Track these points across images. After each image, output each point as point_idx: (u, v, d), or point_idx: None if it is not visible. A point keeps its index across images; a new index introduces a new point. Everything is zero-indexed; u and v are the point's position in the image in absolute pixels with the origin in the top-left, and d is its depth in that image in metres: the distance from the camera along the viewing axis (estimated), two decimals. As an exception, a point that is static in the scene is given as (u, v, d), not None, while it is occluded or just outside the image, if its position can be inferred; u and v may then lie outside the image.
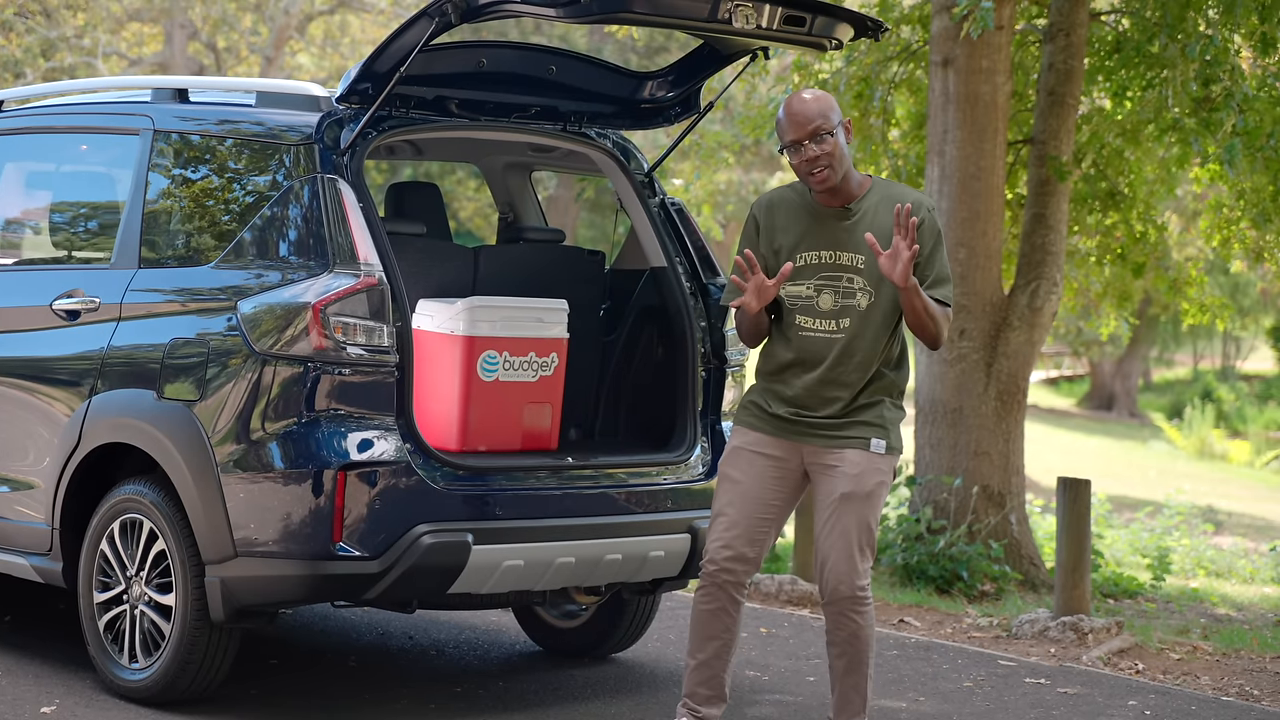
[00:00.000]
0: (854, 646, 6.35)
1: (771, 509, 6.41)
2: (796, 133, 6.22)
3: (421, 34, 6.68)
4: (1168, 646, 9.46)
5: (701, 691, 6.49)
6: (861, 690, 6.43)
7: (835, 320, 6.32)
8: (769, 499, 6.41)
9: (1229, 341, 54.89)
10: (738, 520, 6.40)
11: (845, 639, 6.34)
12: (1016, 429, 11.58)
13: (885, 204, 6.31)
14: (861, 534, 6.28)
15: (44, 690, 7.12)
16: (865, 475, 6.29)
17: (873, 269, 6.26)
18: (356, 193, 6.78)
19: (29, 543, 7.40)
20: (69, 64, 27.61)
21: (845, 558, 6.27)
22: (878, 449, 6.30)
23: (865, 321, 6.30)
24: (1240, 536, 20.70)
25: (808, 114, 6.22)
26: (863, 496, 6.27)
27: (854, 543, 6.28)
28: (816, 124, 6.20)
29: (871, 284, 6.28)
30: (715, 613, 6.44)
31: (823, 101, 6.27)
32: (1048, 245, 11.57)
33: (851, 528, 6.28)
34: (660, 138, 23.74)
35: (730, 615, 6.44)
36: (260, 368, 6.63)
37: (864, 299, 6.29)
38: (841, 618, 6.32)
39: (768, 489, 6.40)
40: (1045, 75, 11.67)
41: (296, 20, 29.40)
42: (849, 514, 6.28)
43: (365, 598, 6.70)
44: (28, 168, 8.43)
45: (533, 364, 7.23)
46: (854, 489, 6.27)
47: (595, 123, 7.78)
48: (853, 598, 6.28)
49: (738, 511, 6.40)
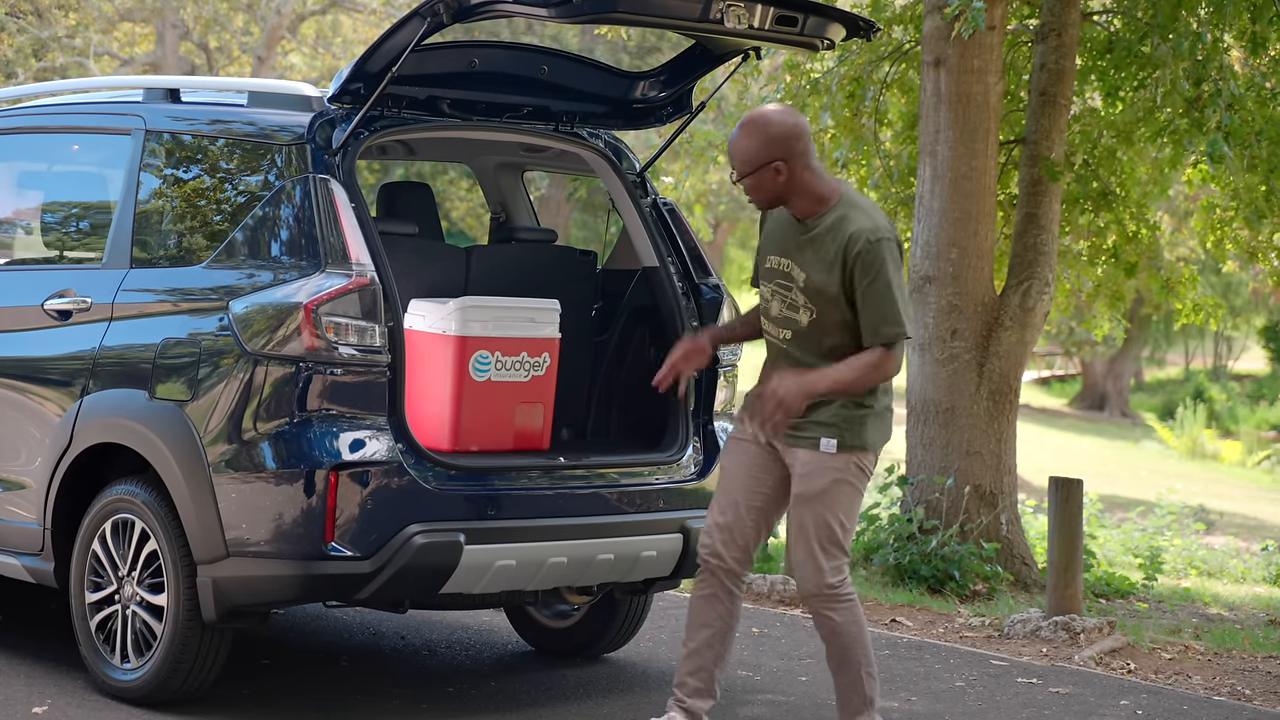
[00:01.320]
0: (836, 643, 6.42)
1: (759, 496, 6.50)
2: (729, 163, 6.44)
3: (413, 34, 6.68)
4: (1159, 646, 9.46)
5: (690, 682, 6.54)
6: (859, 689, 6.46)
7: (780, 329, 6.46)
8: (755, 486, 6.51)
9: (1221, 341, 54.95)
10: (725, 507, 6.52)
11: (826, 636, 6.43)
12: (1009, 429, 11.57)
13: (833, 228, 6.31)
14: (820, 532, 6.35)
15: (36, 690, 7.11)
16: (815, 475, 6.36)
17: (811, 287, 6.32)
18: (348, 193, 6.78)
19: (21, 543, 7.39)
20: (61, 64, 27.60)
21: (807, 557, 6.36)
22: (828, 448, 6.35)
23: (807, 336, 6.38)
24: (1232, 536, 20.72)
25: (731, 153, 6.39)
26: (814, 496, 6.35)
27: (813, 541, 6.35)
28: (736, 167, 6.35)
29: (813, 302, 6.34)
30: (707, 599, 6.52)
31: (753, 137, 6.31)
32: (1040, 245, 11.57)
33: (809, 527, 6.36)
34: (652, 138, 23.76)
35: (722, 604, 6.50)
36: (252, 368, 6.63)
37: (805, 315, 6.37)
38: (818, 616, 6.41)
39: (753, 476, 6.51)
40: (1037, 75, 11.67)
41: (288, 20, 29.40)
42: (805, 514, 6.37)
43: (357, 598, 6.70)
44: (19, 168, 8.42)
45: (525, 364, 7.23)
46: (804, 489, 6.37)
47: (587, 123, 7.78)
48: (821, 595, 6.36)
49: (725, 498, 6.54)
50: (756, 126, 6.30)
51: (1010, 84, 12.37)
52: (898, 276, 6.25)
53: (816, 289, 6.29)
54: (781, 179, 6.28)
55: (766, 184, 6.30)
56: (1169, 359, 56.60)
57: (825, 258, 6.28)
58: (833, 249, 6.26)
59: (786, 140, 6.26)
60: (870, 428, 6.40)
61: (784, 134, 6.26)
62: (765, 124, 6.29)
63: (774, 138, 6.27)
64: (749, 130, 6.31)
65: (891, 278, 6.22)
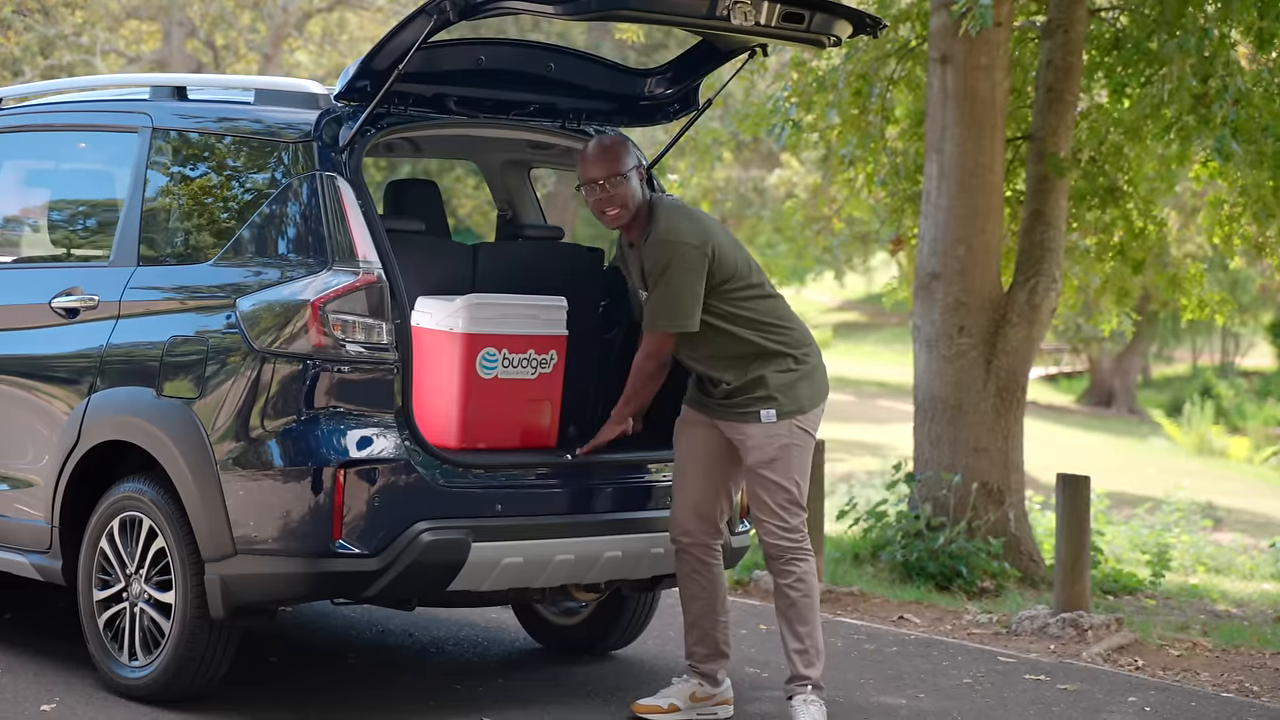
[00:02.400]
0: (800, 592, 6.89)
1: (713, 470, 7.04)
2: (587, 175, 6.90)
3: (420, 31, 6.68)
4: (1167, 643, 9.46)
5: (699, 650, 7.13)
6: (815, 639, 6.95)
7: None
8: (707, 463, 7.03)
9: (1228, 338, 54.86)
10: (684, 487, 7.05)
11: (789, 587, 6.91)
12: (1016, 425, 11.57)
13: (649, 242, 6.88)
14: (778, 495, 6.89)
15: (44, 688, 7.12)
16: (764, 445, 6.85)
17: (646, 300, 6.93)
18: (355, 190, 6.77)
19: (29, 540, 7.40)
20: (67, 62, 27.62)
21: (771, 519, 6.88)
22: (769, 419, 6.86)
23: (678, 347, 6.95)
24: (1240, 533, 20.72)
25: (589, 156, 6.89)
26: (767, 464, 6.87)
27: (773, 505, 6.87)
28: (603, 170, 6.84)
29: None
30: (689, 575, 7.09)
31: (620, 145, 6.89)
32: (1047, 242, 11.56)
33: (767, 493, 6.87)
34: (659, 134, 23.74)
35: (702, 575, 7.08)
36: (259, 365, 6.63)
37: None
38: (784, 570, 6.92)
39: (704, 453, 7.02)
40: (1044, 72, 11.66)
41: (295, 18, 29.41)
42: (761, 482, 6.90)
43: (365, 595, 6.70)
44: (26, 166, 8.43)
45: (532, 361, 7.23)
46: (757, 459, 6.92)
47: (594, 120, 7.78)
48: (789, 550, 6.89)
49: (683, 479, 7.06)
50: (613, 139, 7.01)
51: (1017, 80, 12.37)
52: (674, 275, 6.81)
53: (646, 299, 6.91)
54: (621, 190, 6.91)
55: (631, 188, 6.92)
56: (1176, 355, 56.55)
57: (643, 270, 6.92)
58: (648, 262, 6.88)
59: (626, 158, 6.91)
60: (802, 390, 6.92)
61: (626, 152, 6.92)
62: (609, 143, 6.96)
63: (621, 156, 6.91)
64: (606, 141, 6.97)
65: (668, 274, 6.81)
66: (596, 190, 6.89)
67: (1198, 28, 10.82)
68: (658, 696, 7.17)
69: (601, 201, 6.90)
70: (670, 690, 7.17)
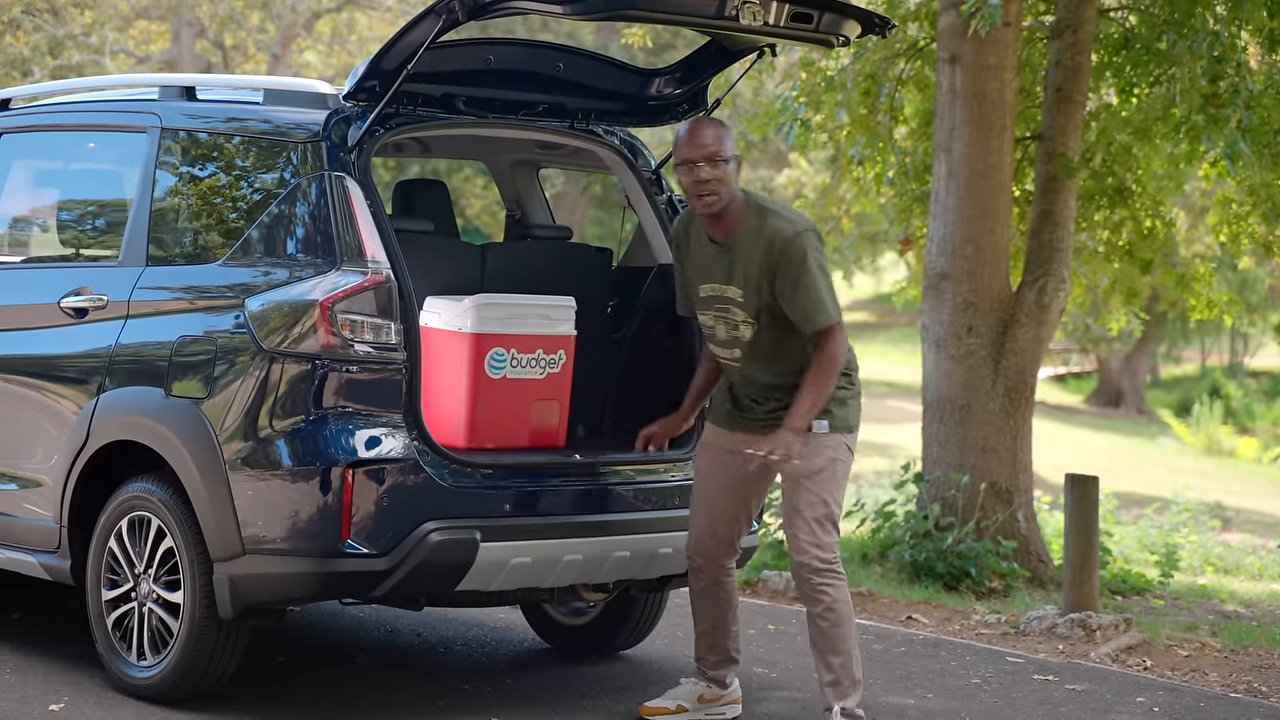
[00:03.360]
0: (832, 619, 6.65)
1: (734, 489, 6.88)
2: (691, 153, 6.59)
3: (429, 31, 6.68)
4: (1176, 643, 9.45)
5: (710, 657, 7.09)
6: (850, 668, 6.69)
7: (729, 349, 6.79)
8: (729, 482, 6.87)
9: (1237, 338, 54.78)
10: (703, 506, 6.94)
11: (821, 613, 6.68)
12: (1024, 425, 11.56)
13: (753, 236, 6.62)
14: (817, 510, 6.67)
15: (53, 687, 7.12)
16: (812, 455, 6.67)
17: (749, 302, 6.63)
18: (364, 190, 6.78)
19: (37, 540, 7.40)
20: (76, 62, 27.64)
21: (808, 535, 6.65)
22: (821, 429, 6.66)
23: (755, 349, 6.71)
24: (1248, 533, 20.70)
25: (700, 135, 6.61)
26: (812, 475, 6.66)
27: (810, 520, 6.65)
28: (709, 150, 6.56)
29: (751, 315, 6.65)
30: (702, 592, 7.03)
31: (722, 129, 6.65)
32: (1055, 242, 11.55)
33: (807, 506, 6.65)
34: (667, 135, 23.74)
35: (719, 589, 7.00)
36: (268, 365, 6.64)
37: (747, 330, 6.69)
38: (815, 593, 6.69)
39: (727, 472, 6.84)
40: (1053, 72, 11.65)
41: (304, 18, 29.43)
42: (802, 494, 6.67)
43: (373, 595, 6.71)
44: (35, 166, 8.44)
45: (540, 361, 7.23)
46: (802, 469, 6.66)
47: (602, 120, 7.78)
48: (821, 571, 6.65)
49: (703, 499, 6.94)
50: (719, 121, 6.74)
51: (1026, 80, 12.35)
52: (818, 266, 6.60)
53: (751, 301, 6.62)
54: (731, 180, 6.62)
55: (731, 176, 6.63)
56: (1185, 356, 56.48)
57: (755, 266, 6.60)
58: (758, 258, 6.59)
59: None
60: (852, 410, 6.79)
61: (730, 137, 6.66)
62: (718, 122, 6.72)
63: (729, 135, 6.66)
64: (715, 124, 6.70)
65: (812, 269, 6.56)
66: (696, 171, 6.58)
67: (1208, 30, 10.80)
68: (665, 698, 7.16)
69: (700, 184, 6.58)
70: (678, 691, 7.17)
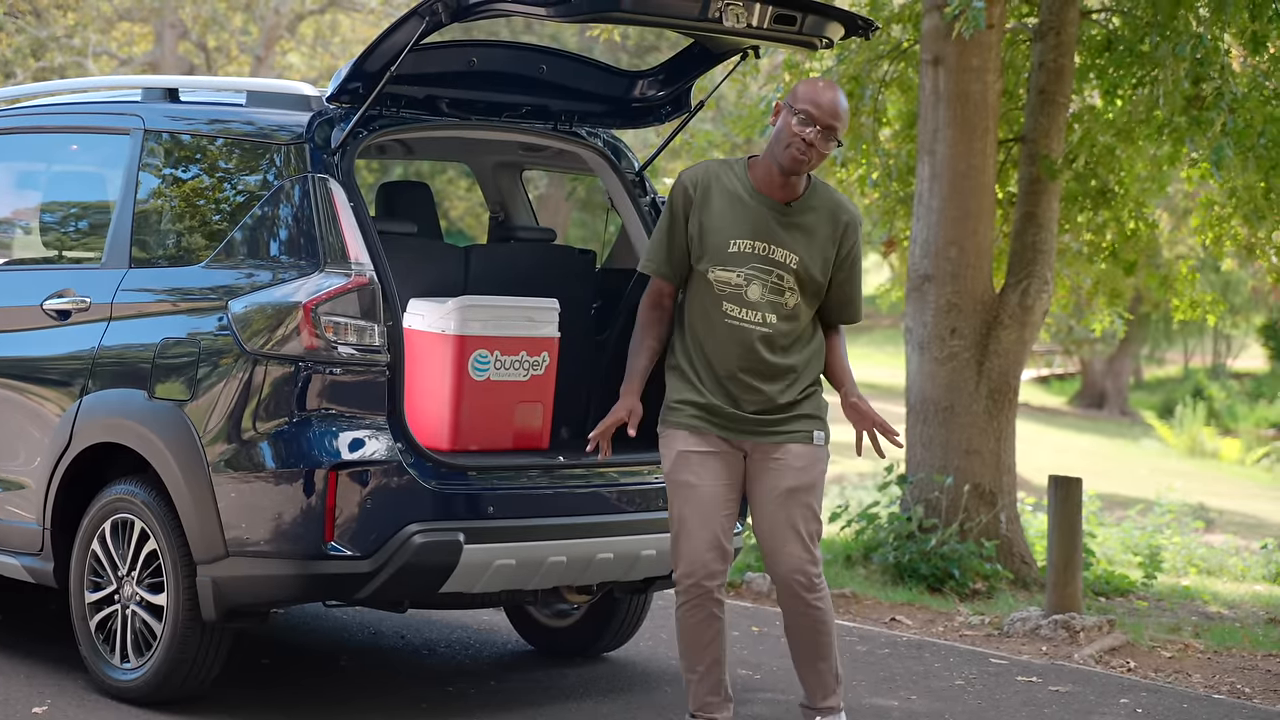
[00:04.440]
0: (822, 630, 6.43)
1: (729, 504, 6.42)
2: (821, 116, 6.23)
3: (412, 33, 6.68)
4: (1159, 644, 9.46)
5: (711, 700, 6.49)
6: (834, 669, 6.52)
7: (761, 313, 6.34)
8: (727, 495, 6.41)
9: (1220, 339, 54.91)
10: (706, 524, 6.36)
11: (810, 625, 6.41)
12: (1008, 427, 11.58)
13: (825, 214, 6.38)
14: (810, 525, 6.39)
15: (35, 690, 7.11)
16: (809, 468, 6.40)
17: (804, 269, 6.34)
18: (347, 192, 6.77)
19: (20, 543, 7.39)
20: (59, 64, 27.60)
21: (802, 550, 6.34)
22: (819, 440, 6.44)
23: (791, 318, 6.36)
24: (1231, 534, 20.72)
25: (839, 110, 6.27)
26: (808, 488, 6.39)
27: (804, 534, 6.36)
28: (832, 122, 6.24)
29: (799, 284, 6.36)
30: (703, 622, 6.40)
31: (846, 106, 6.35)
32: (1039, 244, 11.57)
33: (801, 520, 6.36)
34: (651, 137, 23.74)
35: (717, 619, 6.42)
36: (251, 367, 6.63)
37: (791, 298, 6.36)
38: (804, 607, 6.38)
39: (724, 486, 6.40)
40: (1036, 74, 11.67)
41: (287, 20, 29.40)
42: (797, 507, 6.36)
43: (357, 597, 6.70)
44: (18, 167, 8.42)
45: (524, 363, 7.23)
46: (799, 482, 6.37)
47: (586, 122, 7.78)
48: (811, 586, 6.36)
49: (704, 517, 6.36)
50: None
51: (1009, 82, 12.37)
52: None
53: (807, 271, 6.34)
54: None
55: (827, 156, 6.37)
56: (1168, 357, 56.59)
57: (823, 241, 6.36)
58: (825, 232, 6.35)
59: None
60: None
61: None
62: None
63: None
64: (845, 99, 6.37)
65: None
66: (810, 131, 6.20)
67: (1191, 32, 10.82)
68: None
69: (806, 145, 6.20)
70: None
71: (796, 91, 6.29)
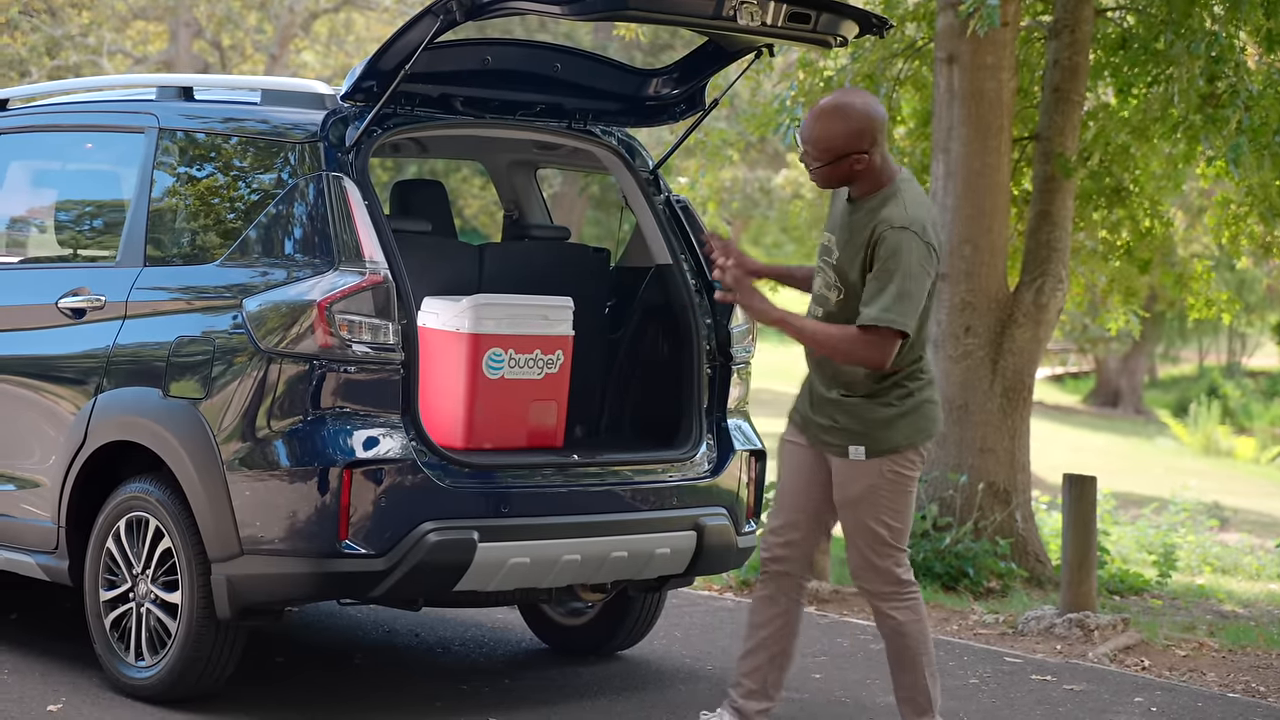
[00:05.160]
0: (900, 643, 6.45)
1: (811, 500, 6.50)
2: (802, 141, 6.31)
3: (426, 31, 6.68)
4: (1174, 643, 9.45)
5: (745, 683, 6.57)
6: (923, 689, 6.49)
7: (816, 306, 6.44)
8: (807, 489, 6.51)
9: (1235, 338, 54.85)
10: (782, 510, 6.55)
11: (888, 635, 6.48)
12: (1022, 425, 11.57)
13: (871, 212, 6.28)
14: (865, 537, 6.37)
15: (50, 688, 7.12)
16: (848, 483, 6.39)
17: (841, 265, 6.31)
18: (361, 190, 6.78)
19: (35, 541, 7.40)
20: (74, 62, 27.65)
21: (860, 561, 6.43)
22: (856, 456, 6.34)
23: (832, 316, 6.34)
24: (1246, 533, 20.70)
25: (809, 139, 6.27)
26: (851, 503, 6.38)
27: (860, 546, 6.39)
28: (805, 146, 6.28)
29: (841, 281, 6.33)
30: (765, 599, 6.55)
31: (836, 127, 6.22)
32: (1053, 242, 11.56)
33: (854, 533, 6.41)
34: (665, 135, 23.74)
35: (778, 605, 6.53)
36: (266, 365, 6.63)
37: (835, 295, 6.36)
38: (880, 615, 6.47)
39: (805, 479, 6.51)
40: (1050, 72, 11.66)
41: (301, 18, 29.43)
42: (848, 520, 6.43)
43: (371, 595, 6.70)
44: (33, 166, 8.43)
45: (538, 361, 7.23)
46: (841, 497, 6.42)
47: (600, 120, 7.78)
48: (880, 595, 6.40)
49: (782, 502, 6.56)
50: (841, 116, 6.24)
51: (1024, 80, 12.36)
52: (908, 269, 6.13)
53: (843, 268, 6.31)
54: (859, 168, 6.26)
55: (841, 173, 6.29)
56: (1183, 356, 56.53)
57: (857, 243, 6.29)
58: (863, 233, 6.27)
59: (871, 133, 6.24)
60: (899, 429, 6.33)
61: (868, 128, 6.22)
62: (848, 116, 6.23)
63: (858, 132, 6.22)
64: (832, 118, 6.23)
65: (902, 267, 6.13)
66: (803, 155, 6.34)
67: (1206, 30, 10.80)
68: None
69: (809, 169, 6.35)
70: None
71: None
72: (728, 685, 6.63)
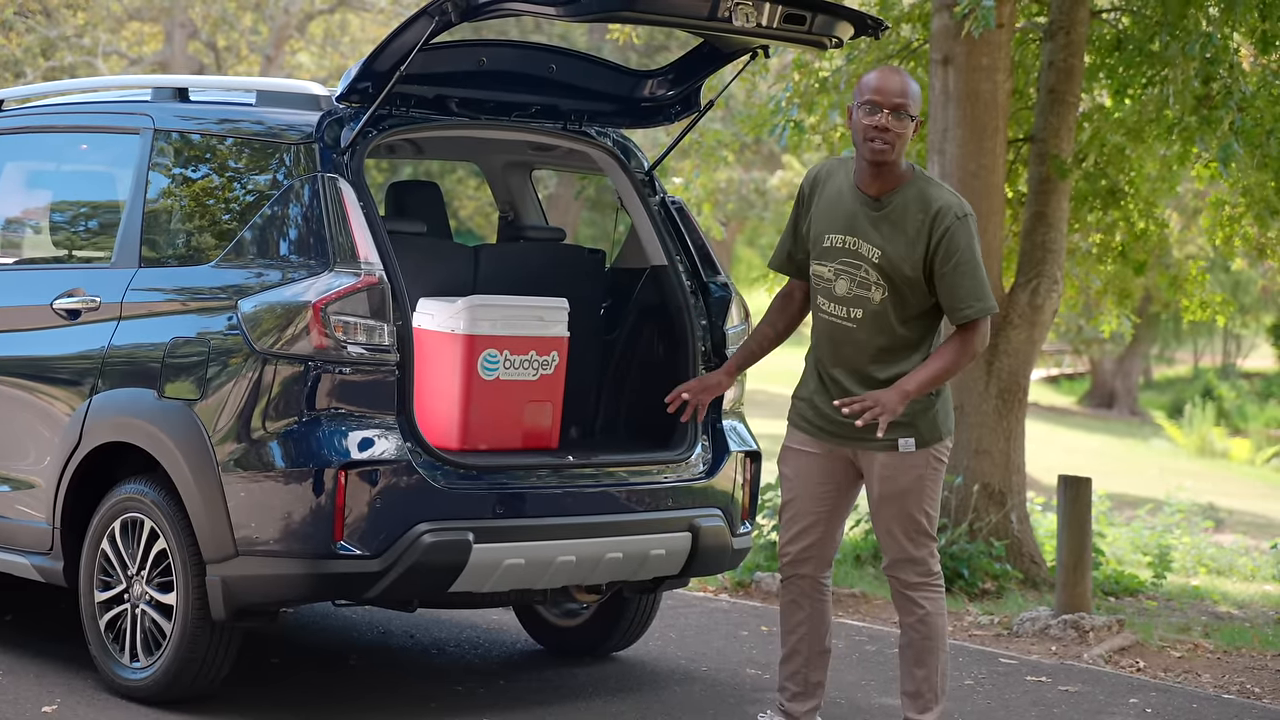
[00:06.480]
0: (923, 632, 6.52)
1: (824, 502, 6.57)
2: (885, 99, 6.27)
3: (421, 33, 6.68)
4: (1169, 644, 9.45)
5: (790, 687, 6.72)
6: (933, 683, 6.58)
7: (848, 308, 6.42)
8: (819, 493, 6.58)
9: (1229, 339, 54.89)
10: (797, 515, 6.60)
11: (913, 625, 6.54)
12: (1017, 427, 11.57)
13: (916, 203, 6.34)
14: (909, 527, 6.48)
15: (45, 689, 7.12)
16: (898, 475, 6.46)
17: (889, 264, 6.33)
18: (357, 191, 6.78)
19: (30, 542, 7.40)
20: (69, 63, 27.63)
21: (900, 552, 6.51)
22: (907, 448, 6.44)
23: (879, 315, 6.38)
24: (1241, 534, 20.70)
25: (904, 88, 6.28)
26: (900, 495, 6.46)
27: (902, 537, 6.49)
28: (899, 100, 6.25)
29: (885, 279, 6.35)
30: (789, 605, 6.68)
31: (914, 86, 6.34)
32: (1048, 243, 11.56)
33: (898, 524, 6.49)
34: (660, 136, 23.75)
35: (803, 609, 6.65)
36: (261, 367, 6.63)
37: (878, 293, 6.37)
38: (909, 604, 6.54)
39: (817, 483, 6.57)
40: (1045, 73, 11.66)
41: (297, 19, 29.43)
42: (892, 512, 6.49)
43: (366, 596, 6.70)
44: (28, 167, 8.43)
45: (533, 362, 7.24)
46: (889, 490, 6.47)
47: (595, 121, 7.78)
48: (916, 583, 6.51)
49: (796, 507, 6.61)
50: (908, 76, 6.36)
51: (1019, 82, 12.36)
52: (979, 253, 6.37)
53: (893, 265, 6.32)
54: (910, 138, 6.33)
55: (907, 140, 6.34)
56: (1178, 357, 56.56)
57: (910, 232, 6.31)
58: (914, 225, 6.30)
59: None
60: (941, 418, 6.56)
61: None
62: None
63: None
64: (910, 77, 6.34)
65: (976, 254, 6.33)
66: (878, 116, 6.24)
67: (1201, 32, 10.81)
68: None
69: (878, 130, 6.24)
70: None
71: (859, 86, 6.36)
72: (775, 690, 6.79)
